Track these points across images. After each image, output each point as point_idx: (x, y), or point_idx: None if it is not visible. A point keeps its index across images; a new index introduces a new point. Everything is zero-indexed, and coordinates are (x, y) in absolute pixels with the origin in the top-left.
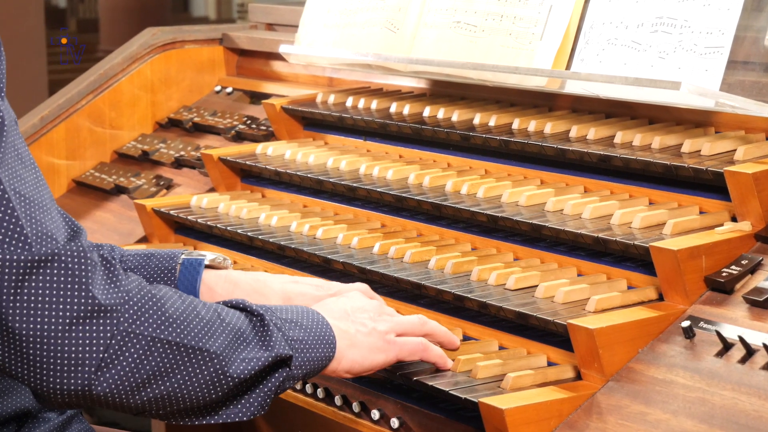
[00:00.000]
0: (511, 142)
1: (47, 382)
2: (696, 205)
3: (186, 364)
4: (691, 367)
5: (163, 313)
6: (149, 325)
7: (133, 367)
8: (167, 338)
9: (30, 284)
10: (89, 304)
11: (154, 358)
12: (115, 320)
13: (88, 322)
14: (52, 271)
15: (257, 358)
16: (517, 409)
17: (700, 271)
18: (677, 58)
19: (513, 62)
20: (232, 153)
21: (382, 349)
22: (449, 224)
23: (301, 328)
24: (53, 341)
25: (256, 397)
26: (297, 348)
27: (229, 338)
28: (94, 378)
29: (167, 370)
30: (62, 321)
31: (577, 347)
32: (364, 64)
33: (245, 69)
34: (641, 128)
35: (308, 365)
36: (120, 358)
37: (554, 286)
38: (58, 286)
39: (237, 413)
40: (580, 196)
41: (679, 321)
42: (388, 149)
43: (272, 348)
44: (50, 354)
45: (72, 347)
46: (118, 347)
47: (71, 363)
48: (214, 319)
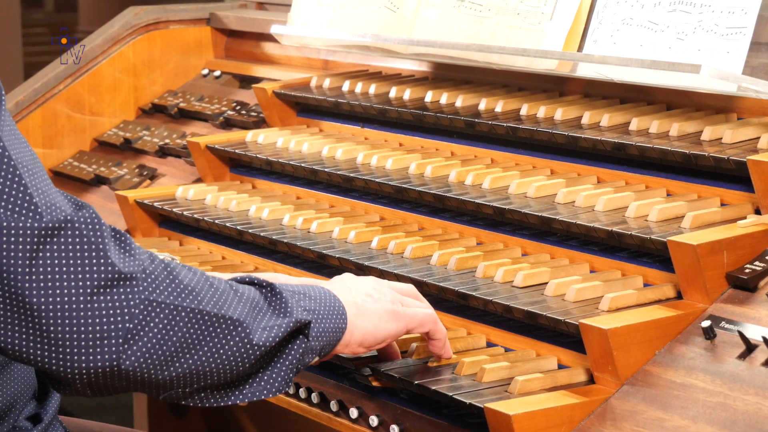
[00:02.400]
0: (519, 129)
1: (71, 360)
2: (717, 196)
3: (213, 333)
4: (712, 370)
5: (179, 282)
6: (169, 294)
7: (160, 338)
8: (189, 306)
9: (45, 254)
10: (109, 272)
11: (180, 328)
12: (136, 288)
13: (110, 291)
14: (66, 240)
15: (278, 326)
16: (525, 415)
17: (722, 267)
18: (697, 39)
19: (521, 44)
20: (221, 141)
21: (392, 317)
22: (453, 217)
23: (310, 299)
24: (75, 313)
25: (279, 371)
26: (313, 316)
27: (248, 307)
28: (121, 351)
29: (195, 340)
30: (83, 291)
31: (590, 349)
32: (362, 45)
33: (234, 51)
34: (658, 114)
35: (324, 336)
36: (146, 329)
37: (565, 283)
38: (75, 255)
39: (262, 390)
40: (593, 187)
41: (698, 321)
42: (387, 137)
43: (291, 314)
44: (73, 327)
45: (96, 318)
46: (143, 317)
47: (96, 336)
48: (227, 288)
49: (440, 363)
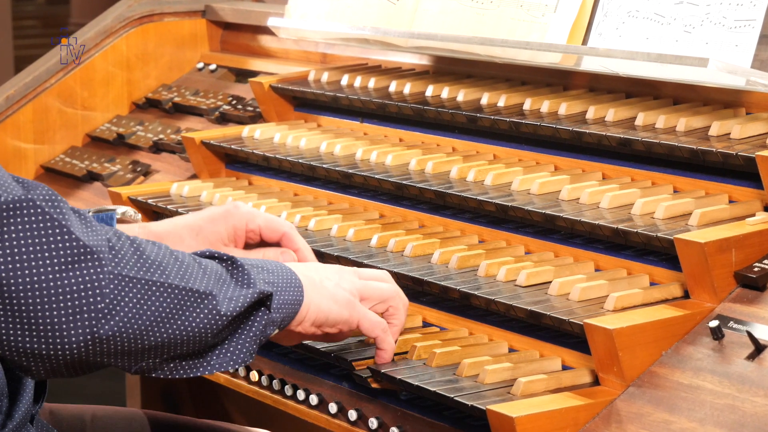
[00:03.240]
0: (522, 124)
1: (48, 338)
2: (725, 193)
3: (183, 305)
4: (720, 372)
5: (147, 257)
6: (139, 269)
7: (135, 312)
8: (159, 280)
9: (10, 233)
10: (74, 247)
11: (153, 302)
12: (104, 262)
13: (78, 266)
14: (29, 218)
15: (243, 296)
16: (528, 417)
17: (730, 265)
18: (704, 31)
19: (524, 37)
20: (216, 136)
21: (347, 305)
22: (454, 214)
23: (268, 272)
24: (46, 289)
25: (244, 342)
26: (274, 288)
27: (213, 279)
28: (97, 327)
29: (167, 313)
30: (51, 267)
31: (595, 349)
32: (361, 38)
33: (230, 44)
34: (665, 109)
35: (284, 308)
36: (121, 304)
37: (569, 282)
38: (39, 232)
39: (228, 361)
40: (597, 184)
41: (706, 321)
42: (387, 132)
43: (254, 285)
44: (45, 305)
45: (68, 294)
46: (116, 292)
47: (69, 312)
48: (191, 262)
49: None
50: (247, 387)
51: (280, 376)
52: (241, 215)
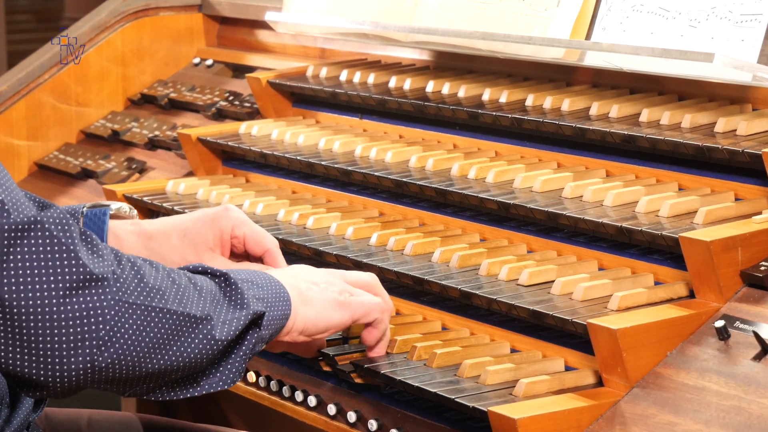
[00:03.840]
0: (524, 120)
1: (48, 364)
2: (731, 190)
3: (180, 331)
4: (726, 372)
5: (146, 283)
6: (138, 294)
7: (134, 339)
8: (158, 306)
9: (17, 254)
10: (81, 273)
11: (152, 329)
12: (108, 289)
13: (83, 293)
14: (36, 240)
15: (237, 319)
16: (530, 419)
17: (736, 264)
18: (710, 26)
19: (526, 31)
20: (213, 133)
21: (337, 306)
22: (455, 212)
23: (258, 287)
24: (49, 315)
25: (233, 363)
26: (265, 306)
27: (208, 302)
28: (97, 354)
29: (165, 339)
30: (56, 292)
31: (599, 350)
32: (360, 33)
33: (227, 39)
34: (670, 105)
35: (273, 324)
36: (121, 331)
37: (573, 281)
38: (46, 256)
39: (218, 382)
40: (601, 181)
41: (712, 320)
42: (386, 128)
43: (247, 306)
44: (47, 330)
45: (70, 321)
46: (117, 319)
47: (71, 339)
48: (187, 284)
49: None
50: (244, 388)
51: (278, 377)
52: (229, 219)
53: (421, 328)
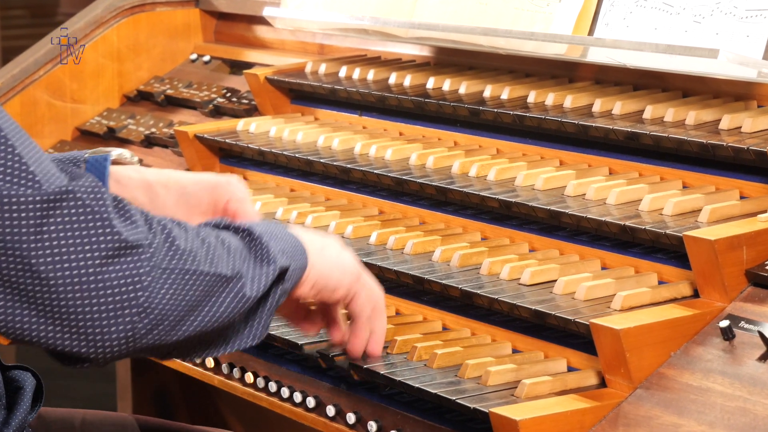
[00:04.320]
0: (526, 117)
1: (90, 333)
2: (736, 188)
3: (212, 291)
4: (731, 373)
5: (178, 246)
6: (171, 258)
7: (172, 304)
8: (191, 269)
9: (50, 226)
10: (116, 241)
11: (187, 292)
12: (143, 256)
13: (118, 261)
14: (70, 210)
15: (265, 275)
16: (532, 420)
17: (741, 263)
18: (715, 22)
19: (528, 27)
20: (210, 130)
21: (348, 272)
22: (456, 211)
23: (279, 239)
24: (87, 285)
25: (261, 318)
26: (289, 259)
27: (237, 260)
28: (137, 321)
29: (199, 301)
30: (92, 262)
31: (601, 350)
32: (360, 28)
33: (224, 35)
34: (674, 102)
35: (294, 276)
36: (158, 297)
37: (575, 280)
38: (80, 226)
39: (247, 338)
40: (604, 179)
41: (716, 320)
42: (386, 126)
43: (273, 262)
44: (87, 300)
45: (108, 290)
46: (154, 284)
47: (111, 306)
48: (216, 243)
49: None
50: (242, 389)
51: (276, 377)
52: (227, 191)
53: (421, 328)
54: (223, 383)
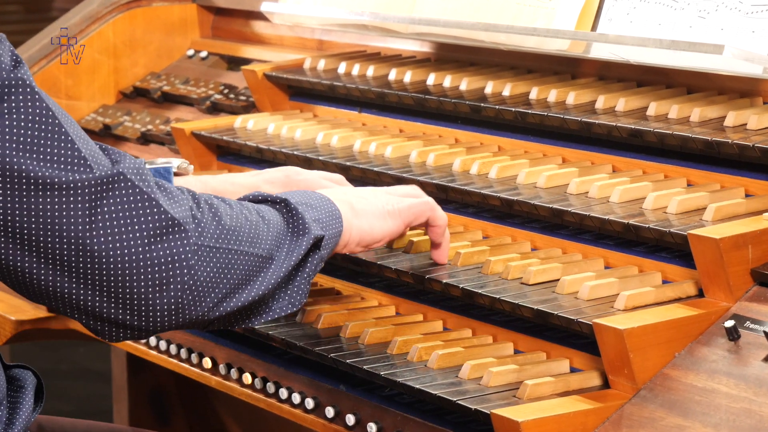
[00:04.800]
0: (528, 114)
1: (136, 306)
2: (741, 186)
3: (254, 269)
4: (736, 374)
5: (224, 225)
6: (217, 238)
7: (215, 282)
8: (234, 248)
9: (104, 207)
10: (164, 220)
11: (230, 270)
12: (189, 234)
13: (167, 239)
14: (121, 192)
15: (299, 246)
16: (535, 421)
17: (746, 262)
18: (720, 17)
19: (530, 22)
20: (207, 127)
21: (387, 215)
22: (457, 209)
23: (314, 208)
24: (137, 262)
25: (299, 285)
26: (324, 228)
27: (276, 233)
28: (181, 297)
29: (242, 278)
30: (142, 240)
31: (605, 351)
32: (360, 24)
33: (222, 30)
34: (678, 98)
35: (330, 243)
36: (203, 274)
37: (578, 280)
38: (131, 206)
39: (286, 305)
40: (607, 177)
41: (721, 320)
42: (386, 122)
43: (308, 231)
44: (136, 275)
45: (156, 266)
46: (200, 262)
47: (157, 282)
48: (258, 219)
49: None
50: (239, 390)
51: (274, 378)
52: (298, 183)
53: (421, 328)
54: (220, 384)
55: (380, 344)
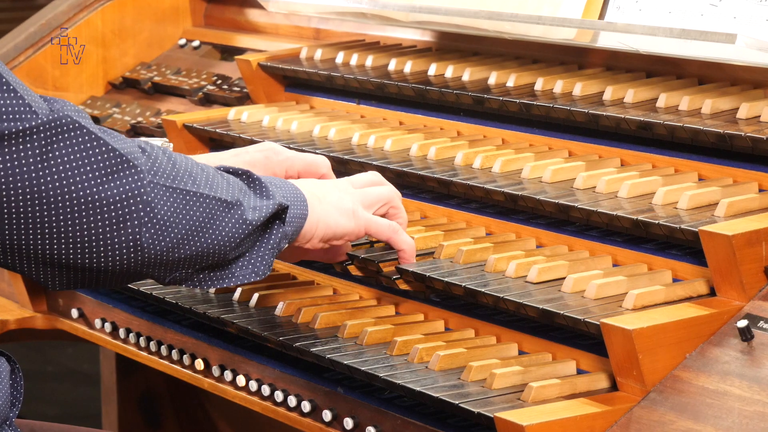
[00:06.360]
0: (533, 106)
1: (95, 246)
2: (754, 181)
3: (214, 214)
4: (749, 376)
5: (179, 167)
6: (173, 178)
7: (173, 221)
8: (191, 190)
9: (54, 151)
10: (113, 158)
11: (188, 211)
12: (142, 174)
13: (119, 176)
14: (69, 134)
15: (264, 206)
16: (540, 425)
17: (760, 260)
18: (732, 5)
19: (536, 10)
20: (200, 119)
21: (352, 215)
22: (459, 204)
23: (277, 186)
24: (92, 202)
25: (263, 254)
26: (289, 201)
27: (236, 190)
28: (139, 233)
29: (202, 222)
30: (95, 180)
31: (613, 352)
32: (358, 12)
33: (215, 19)
34: (689, 89)
35: (295, 222)
36: (161, 212)
37: (585, 278)
38: (80, 147)
39: (250, 272)
40: (615, 171)
41: (734, 320)
42: (386, 114)
43: (273, 197)
44: (92, 215)
45: (112, 205)
46: (156, 200)
47: (114, 220)
48: (215, 173)
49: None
50: (233, 392)
51: (269, 380)
52: (280, 162)
53: (422, 328)
54: (213, 386)
55: (380, 345)
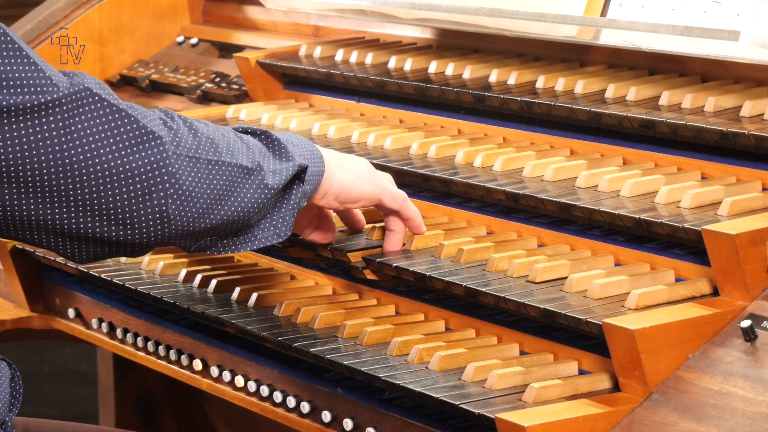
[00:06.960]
0: (534, 104)
1: (120, 220)
2: (758, 179)
3: (237, 181)
4: (753, 376)
5: (200, 136)
6: (196, 149)
7: (198, 190)
8: (213, 159)
9: (76, 124)
10: (136, 129)
11: (212, 180)
12: (165, 142)
13: (143, 147)
14: (91, 106)
15: (285, 169)
16: (541, 426)
17: (764, 259)
18: (735, 2)
19: (537, 7)
20: (197, 117)
21: (369, 180)
22: (460, 203)
23: (296, 145)
24: (116, 174)
25: (284, 215)
26: (307, 160)
27: (257, 154)
28: (166, 204)
29: (226, 189)
30: (119, 151)
31: (615, 352)
32: (357, 9)
33: (213, 16)
34: (692, 87)
35: (313, 180)
36: (186, 182)
37: (587, 278)
38: (102, 119)
39: (272, 234)
40: (618, 170)
41: (737, 320)
42: (385, 112)
43: (292, 158)
44: (117, 187)
45: (137, 176)
46: (180, 171)
47: (140, 192)
48: (235, 138)
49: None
50: (231, 393)
51: (268, 381)
52: None
53: (422, 328)
54: (211, 387)
55: (379, 345)
